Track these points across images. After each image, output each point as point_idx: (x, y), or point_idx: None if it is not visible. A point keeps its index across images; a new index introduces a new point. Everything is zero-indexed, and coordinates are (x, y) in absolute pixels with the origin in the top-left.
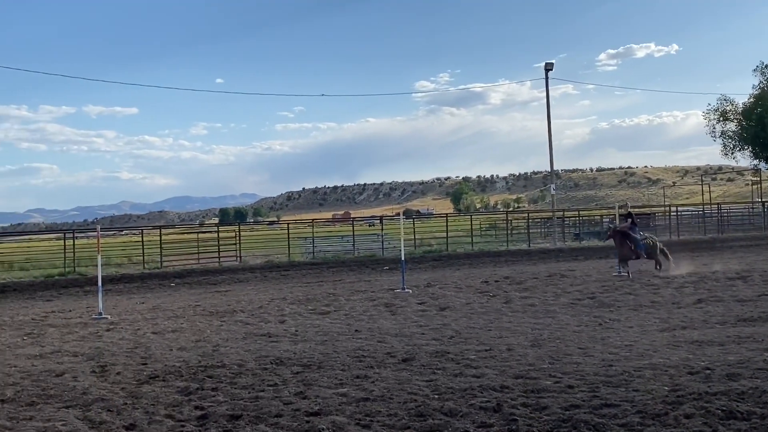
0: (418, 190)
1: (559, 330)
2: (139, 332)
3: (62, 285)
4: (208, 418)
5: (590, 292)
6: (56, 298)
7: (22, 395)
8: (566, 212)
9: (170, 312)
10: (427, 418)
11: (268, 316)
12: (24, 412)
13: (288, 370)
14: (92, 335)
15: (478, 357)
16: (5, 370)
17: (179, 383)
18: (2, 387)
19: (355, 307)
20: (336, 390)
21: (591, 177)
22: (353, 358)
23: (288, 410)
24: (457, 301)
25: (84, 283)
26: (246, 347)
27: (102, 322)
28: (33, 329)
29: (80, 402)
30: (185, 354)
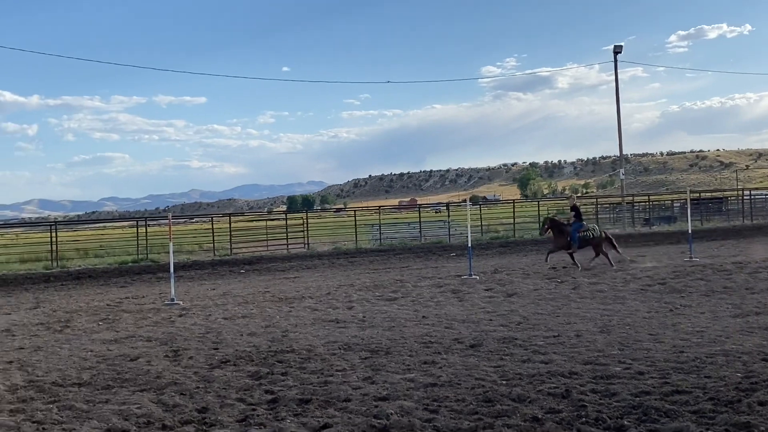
0: (485, 176)
1: (629, 316)
2: (210, 318)
3: (135, 272)
4: (279, 402)
5: (660, 278)
6: (130, 284)
7: (98, 379)
8: (636, 197)
9: (240, 298)
10: (495, 404)
11: (336, 302)
12: (100, 395)
13: (356, 356)
14: (165, 321)
15: (546, 343)
16: (82, 354)
17: (250, 368)
18: (79, 371)
19: (422, 294)
20: (404, 375)
21: (661, 161)
22: (421, 344)
23: (357, 395)
24: (524, 287)
25: (156, 269)
26: (315, 333)
27: (174, 307)
28: (108, 315)
29: (154, 386)
30: (255, 339)
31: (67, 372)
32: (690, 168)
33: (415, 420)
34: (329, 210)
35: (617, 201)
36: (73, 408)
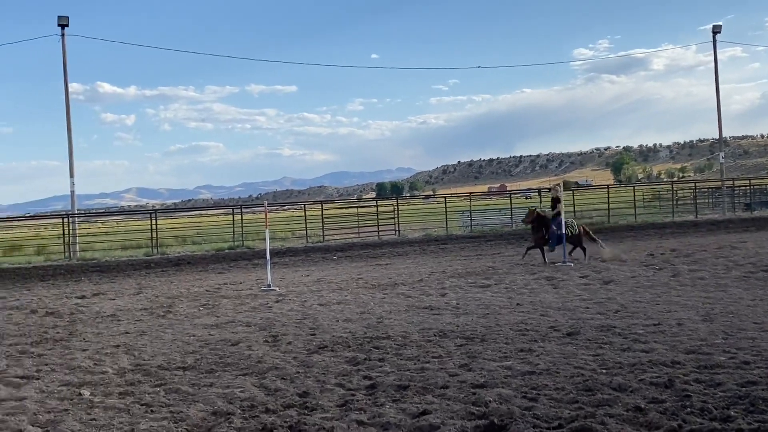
0: (576, 161)
1: (732, 304)
2: (306, 304)
3: (232, 258)
4: (377, 388)
5: (764, 265)
6: (227, 270)
7: (202, 363)
8: (736, 181)
9: (334, 284)
10: (595, 393)
11: (429, 289)
12: (204, 379)
13: (451, 343)
14: (262, 306)
15: (646, 331)
16: (185, 338)
17: (347, 353)
18: (183, 355)
19: (515, 281)
20: (500, 363)
21: (762, 144)
22: (516, 331)
23: (454, 382)
24: (621, 274)
25: (252, 256)
26: (409, 319)
27: (271, 293)
28: (208, 300)
29: (255, 370)
30: (351, 325)
31: (171, 356)
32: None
33: (515, 408)
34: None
35: (716, 185)
36: (179, 391)
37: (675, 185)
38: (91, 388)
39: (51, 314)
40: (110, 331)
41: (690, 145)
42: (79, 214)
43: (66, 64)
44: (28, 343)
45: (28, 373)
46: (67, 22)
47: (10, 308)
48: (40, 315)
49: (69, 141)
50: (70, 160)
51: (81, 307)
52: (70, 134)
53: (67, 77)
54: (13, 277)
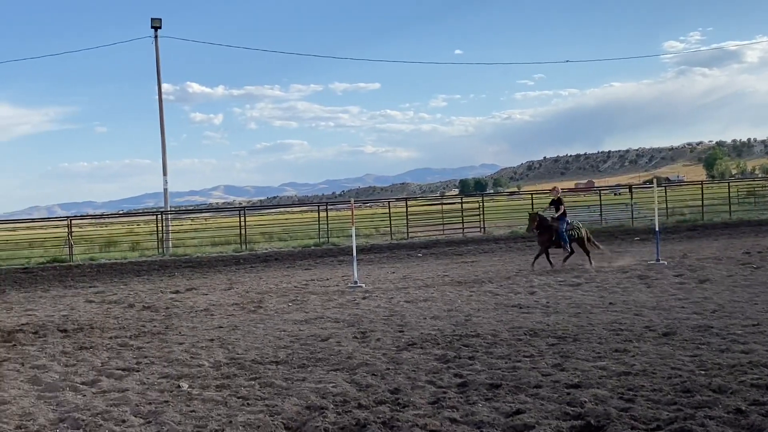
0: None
1: None
2: (392, 301)
3: (318, 255)
4: (468, 386)
5: None
6: (313, 267)
7: (294, 358)
8: None
9: (420, 281)
10: (694, 394)
11: (517, 287)
12: (297, 373)
13: (543, 342)
14: (350, 303)
15: (745, 332)
16: (276, 333)
17: (436, 351)
18: (275, 349)
19: (606, 279)
20: (594, 363)
21: None
22: (610, 331)
23: (547, 381)
24: (717, 273)
25: (337, 252)
26: (498, 317)
27: (357, 290)
28: (296, 296)
29: (346, 366)
30: (439, 323)
31: (264, 350)
32: None
33: (611, 409)
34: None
35: None
36: (273, 385)
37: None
38: (189, 381)
39: (148, 308)
40: (204, 325)
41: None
42: (171, 211)
43: (159, 64)
44: (127, 336)
45: (129, 365)
46: (160, 24)
47: (109, 302)
48: (137, 309)
49: (162, 140)
50: (164, 159)
51: (176, 301)
52: (163, 133)
53: (160, 78)
54: (110, 272)
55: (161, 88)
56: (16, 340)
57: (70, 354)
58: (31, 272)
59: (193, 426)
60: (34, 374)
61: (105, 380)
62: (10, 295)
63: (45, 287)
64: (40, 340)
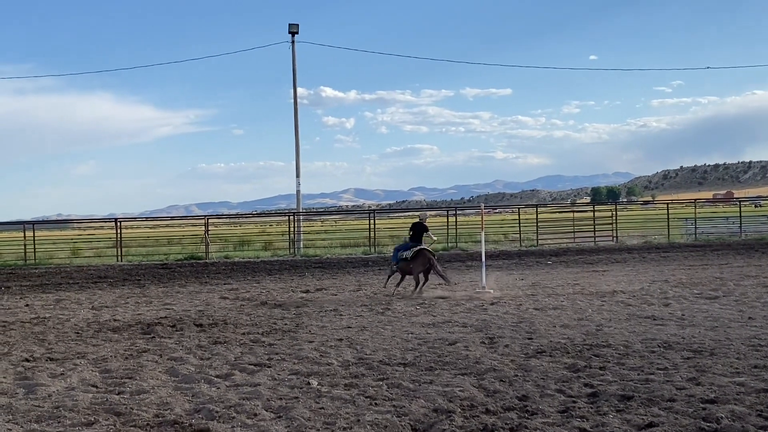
0: None
1: None
2: (521, 307)
3: (446, 259)
4: (599, 397)
5: None
6: None
7: (421, 360)
8: None
9: (549, 289)
10: None
11: (651, 299)
12: (424, 376)
13: (677, 355)
14: (478, 308)
15: None
16: (404, 336)
17: (566, 360)
18: (403, 351)
19: (746, 293)
20: (732, 379)
21: None
22: (749, 346)
23: (681, 395)
24: None
25: (465, 257)
26: (630, 329)
27: (486, 295)
28: (424, 300)
29: (473, 370)
30: (569, 331)
31: (392, 352)
32: None
33: (749, 426)
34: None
35: None
36: (401, 386)
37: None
38: (319, 378)
39: (279, 306)
40: (333, 324)
41: None
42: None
43: (295, 69)
44: (259, 332)
45: (261, 361)
46: (297, 29)
47: (242, 299)
48: (269, 307)
49: (296, 143)
50: (297, 161)
51: (306, 300)
52: (297, 136)
53: (295, 82)
54: (243, 270)
55: (296, 92)
56: (155, 332)
57: (205, 348)
58: (170, 268)
59: (322, 423)
60: (172, 366)
61: (238, 374)
62: (149, 289)
63: (182, 283)
64: (177, 334)
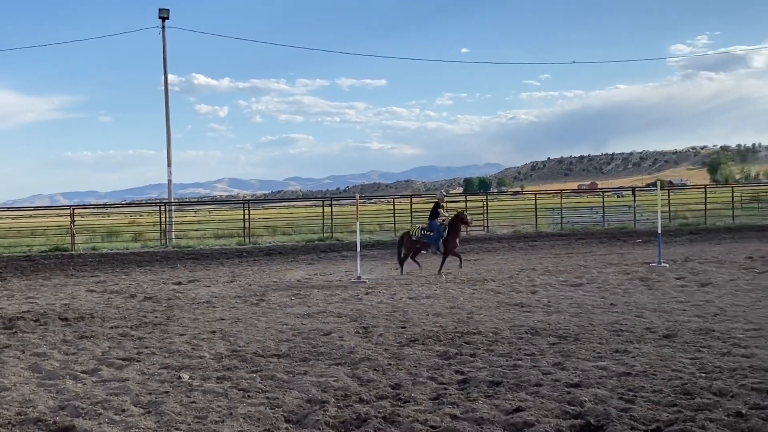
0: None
1: None
2: (395, 297)
3: (321, 249)
4: (469, 383)
5: None
6: (317, 261)
7: (296, 351)
8: None
9: (423, 278)
10: (694, 397)
11: (519, 286)
12: (299, 367)
13: (544, 341)
14: (353, 298)
15: (747, 336)
16: (278, 327)
17: (438, 347)
18: (277, 343)
19: (608, 280)
20: (595, 363)
21: None
22: (611, 331)
23: (547, 380)
24: (719, 277)
25: (341, 248)
26: (500, 316)
27: (361, 285)
28: (299, 290)
29: (348, 360)
30: (441, 320)
31: (266, 343)
32: None
33: (611, 409)
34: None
35: None
36: (274, 378)
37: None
38: (190, 372)
39: (149, 299)
40: (206, 317)
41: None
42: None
43: (166, 55)
44: (128, 326)
45: (130, 355)
46: (167, 14)
47: (110, 292)
48: (139, 300)
49: (167, 131)
50: (168, 150)
51: (178, 293)
52: (168, 124)
53: (166, 69)
54: (112, 262)
55: (167, 79)
56: (17, 327)
57: (71, 342)
58: (33, 260)
59: (193, 417)
60: (35, 362)
61: (105, 369)
62: (11, 282)
63: (47, 275)
64: (41, 328)
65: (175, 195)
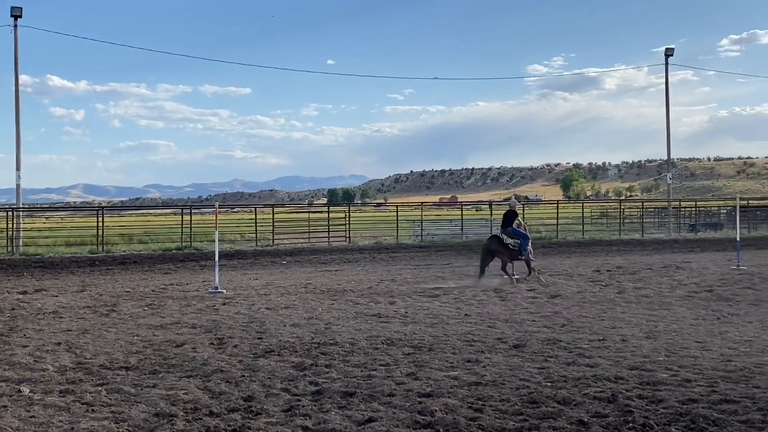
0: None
1: (675, 323)
2: (253, 307)
3: (179, 259)
4: (323, 394)
5: (707, 285)
6: (174, 271)
7: (145, 363)
8: (682, 202)
9: (282, 289)
10: (540, 405)
11: (378, 297)
12: (147, 380)
13: (399, 351)
14: (209, 308)
15: (591, 346)
16: (128, 338)
17: (294, 359)
18: (126, 355)
19: (464, 292)
20: (447, 373)
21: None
22: (464, 342)
23: (400, 390)
24: (568, 289)
25: (199, 257)
26: (357, 326)
27: (218, 296)
28: (153, 300)
29: (200, 372)
30: (298, 330)
31: (114, 355)
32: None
33: (460, 418)
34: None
35: (663, 205)
36: (121, 391)
37: (622, 204)
38: (31, 385)
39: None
40: (52, 328)
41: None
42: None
43: (17, 55)
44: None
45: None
46: (20, 12)
47: None
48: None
49: (17, 133)
50: (17, 153)
51: (22, 302)
52: (18, 127)
53: (17, 69)
54: None
55: (18, 80)
56: None
57: None
58: None
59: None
60: None
61: None
62: None
63: None
64: None
65: (25, 200)
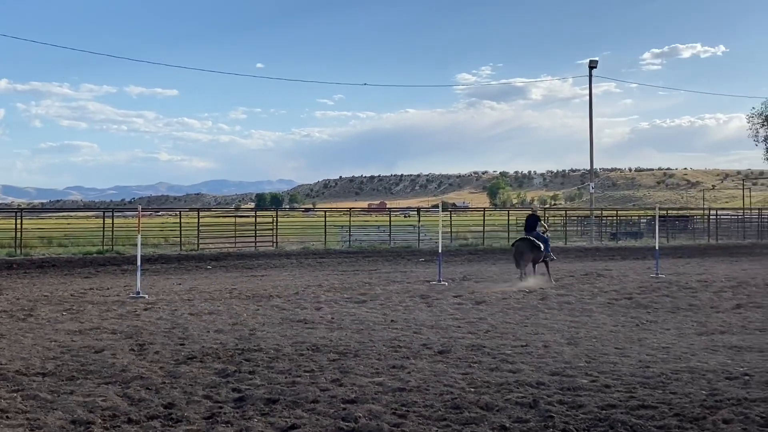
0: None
1: (596, 329)
2: (176, 313)
3: (100, 263)
4: (246, 401)
5: (627, 293)
6: (94, 275)
7: (63, 370)
8: (604, 211)
9: (207, 294)
10: (463, 411)
11: (304, 303)
12: (65, 386)
13: (324, 357)
14: (130, 314)
15: (514, 352)
16: (46, 344)
17: (217, 365)
18: (43, 360)
19: (390, 298)
20: (372, 379)
21: (629, 177)
22: (389, 348)
23: (324, 396)
24: (492, 295)
25: (121, 261)
26: (282, 332)
27: (140, 301)
28: (72, 305)
29: (119, 379)
30: (222, 336)
31: (30, 361)
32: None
33: (384, 424)
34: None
35: (585, 214)
36: (37, 398)
37: (546, 212)
38: None
39: None
40: None
41: (562, 174)
42: None
43: None
44: None
45: None
46: None
47: None
48: None
49: None
50: None
51: None
52: None
53: None
54: None
55: None
56: None
57: None
58: None
59: None
60: None
61: None
62: None
63: None
64: None
65: None
